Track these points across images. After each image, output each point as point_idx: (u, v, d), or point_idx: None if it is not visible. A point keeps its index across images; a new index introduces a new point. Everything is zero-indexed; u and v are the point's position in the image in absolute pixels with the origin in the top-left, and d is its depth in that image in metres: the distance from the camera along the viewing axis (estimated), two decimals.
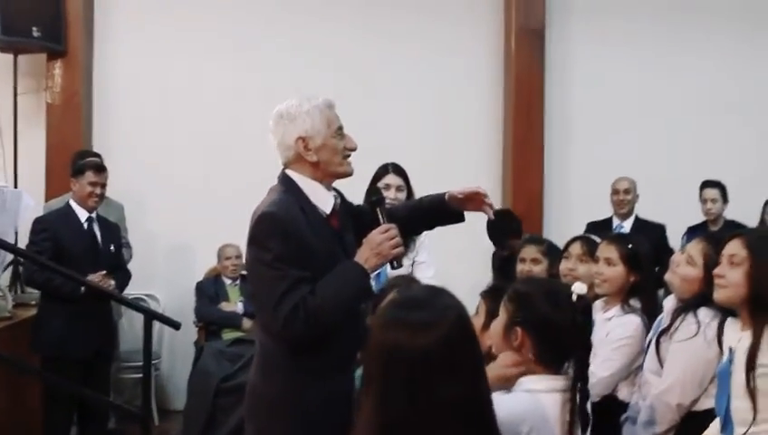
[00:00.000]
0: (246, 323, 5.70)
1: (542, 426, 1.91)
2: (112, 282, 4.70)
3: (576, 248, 3.45)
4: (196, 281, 5.97)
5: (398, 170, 4.09)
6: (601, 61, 6.68)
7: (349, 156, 2.60)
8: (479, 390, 1.53)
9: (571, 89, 6.65)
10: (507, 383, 2.04)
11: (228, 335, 5.65)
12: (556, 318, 2.03)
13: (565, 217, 6.41)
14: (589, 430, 2.14)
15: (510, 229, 4.76)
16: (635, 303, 3.15)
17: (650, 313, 3.06)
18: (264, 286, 2.46)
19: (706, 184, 5.95)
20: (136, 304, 4.93)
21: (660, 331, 2.84)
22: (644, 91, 6.69)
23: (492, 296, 2.43)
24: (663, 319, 2.92)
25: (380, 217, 2.64)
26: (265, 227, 2.45)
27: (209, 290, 5.86)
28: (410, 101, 6.38)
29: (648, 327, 3.04)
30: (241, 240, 5.79)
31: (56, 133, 5.89)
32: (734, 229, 5.69)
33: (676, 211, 5.90)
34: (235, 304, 5.81)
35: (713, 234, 4.91)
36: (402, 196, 4.01)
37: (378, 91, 6.27)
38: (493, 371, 1.97)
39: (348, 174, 2.61)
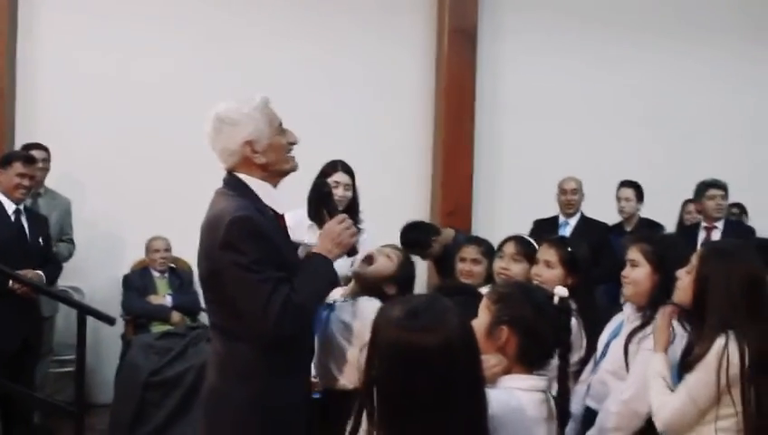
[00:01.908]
0: (175, 316, 5.76)
1: (518, 424, 1.96)
2: (40, 272, 4.73)
3: (510, 248, 3.50)
4: (122, 273, 5.96)
5: (347, 169, 4.18)
6: (532, 61, 6.90)
7: (291, 150, 2.63)
8: (481, 384, 1.68)
9: (502, 88, 6.87)
10: (489, 382, 2.08)
11: (157, 329, 5.69)
12: (541, 318, 2.10)
13: (495, 213, 6.64)
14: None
15: (425, 237, 5.07)
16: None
17: (586, 314, 3.10)
18: (246, 290, 2.44)
19: (622, 184, 6.20)
20: (69, 299, 4.92)
21: (629, 335, 2.84)
22: (572, 92, 6.95)
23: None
24: (625, 322, 2.94)
25: (331, 208, 2.77)
26: (240, 231, 2.43)
27: (137, 283, 5.88)
28: (343, 99, 6.48)
29: (586, 329, 3.10)
30: (169, 233, 5.90)
31: None
32: (649, 227, 6.07)
33: (595, 210, 6.06)
34: (163, 297, 5.84)
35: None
36: (349, 194, 4.12)
37: (312, 89, 6.33)
38: None
39: (294, 170, 2.63)
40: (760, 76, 7.36)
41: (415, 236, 5.05)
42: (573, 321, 3.00)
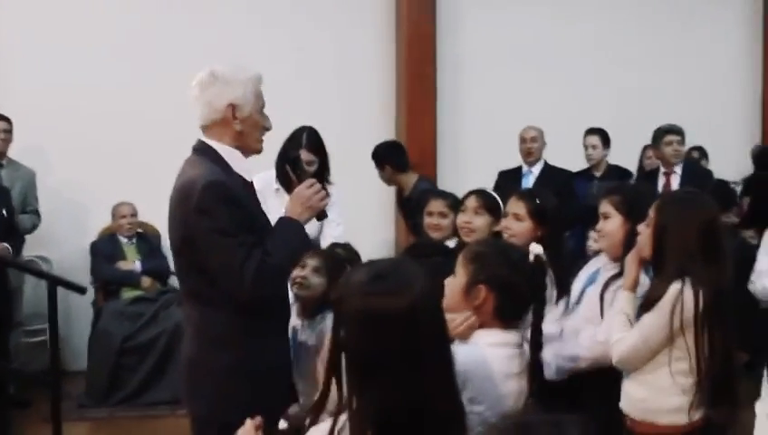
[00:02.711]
0: (145, 281, 5.82)
1: (484, 377, 2.02)
2: (7, 245, 4.76)
3: (472, 202, 3.50)
4: (89, 241, 5.98)
5: (312, 143, 4.19)
6: (490, 14, 6.93)
7: (264, 134, 2.68)
8: (446, 343, 1.68)
9: (463, 40, 6.91)
10: (461, 336, 2.14)
11: (127, 294, 5.75)
12: (517, 276, 2.15)
13: (460, 166, 6.73)
14: None
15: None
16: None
17: (556, 264, 3.05)
18: (221, 254, 2.47)
19: (588, 131, 6.28)
20: (38, 270, 4.97)
21: (605, 284, 2.85)
22: (531, 43, 7.00)
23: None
24: (601, 270, 2.95)
25: (299, 173, 2.82)
26: (213, 196, 2.46)
27: (105, 249, 5.90)
28: (306, 60, 6.50)
29: (556, 278, 3.07)
30: (135, 198, 5.91)
31: None
32: (618, 174, 6.19)
33: (561, 157, 6.15)
34: (132, 263, 5.87)
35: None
36: (313, 169, 4.08)
37: (276, 51, 6.34)
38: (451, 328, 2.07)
39: (258, 152, 2.69)
40: (714, 15, 7.45)
41: (384, 154, 5.39)
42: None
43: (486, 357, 2.07)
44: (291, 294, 3.06)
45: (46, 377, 4.41)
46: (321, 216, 2.74)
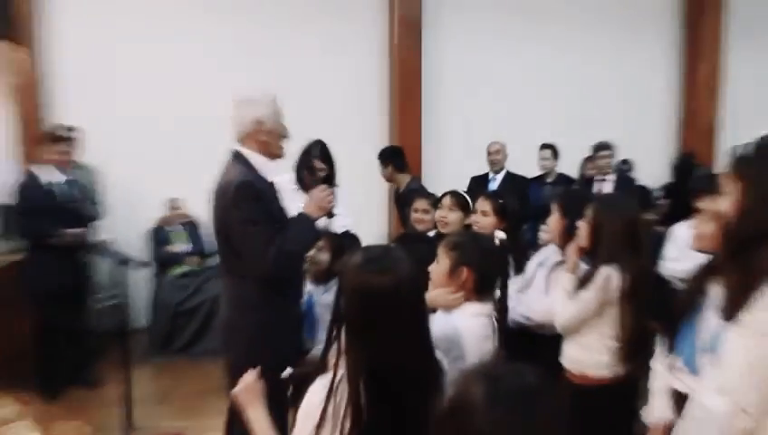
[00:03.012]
0: (192, 259, 5.83)
1: (467, 340, 2.05)
2: (83, 231, 4.76)
3: (447, 200, 3.54)
4: (146, 228, 5.99)
5: (323, 154, 4.16)
6: (463, 46, 6.92)
7: (283, 141, 2.73)
8: (424, 316, 1.68)
9: (444, 68, 6.90)
10: (450, 308, 2.16)
11: (178, 270, 5.78)
12: (489, 257, 2.18)
13: (441, 172, 6.74)
14: None
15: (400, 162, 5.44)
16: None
17: (515, 250, 3.10)
18: (248, 239, 2.50)
19: (542, 146, 6.27)
20: (110, 251, 4.90)
21: (552, 267, 2.91)
22: (500, 69, 7.01)
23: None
24: (550, 256, 2.98)
25: (314, 180, 2.92)
26: (244, 194, 2.50)
27: (161, 234, 5.94)
28: (316, 83, 6.46)
29: (514, 260, 3.09)
30: (184, 194, 5.90)
31: (19, 107, 5.69)
32: (565, 181, 6.21)
33: (521, 166, 6.16)
34: (182, 245, 5.89)
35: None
36: (322, 175, 4.06)
37: (290, 78, 6.31)
38: (437, 298, 2.15)
39: (281, 157, 2.74)
40: (636, 51, 7.48)
41: (389, 155, 5.43)
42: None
43: (468, 324, 2.10)
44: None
45: (117, 333, 4.42)
46: (330, 215, 2.80)
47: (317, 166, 4.05)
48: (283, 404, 2.69)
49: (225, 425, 2.86)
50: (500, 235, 2.37)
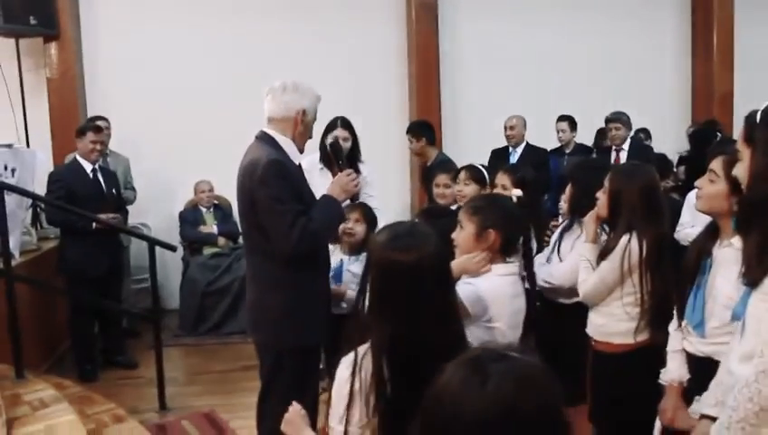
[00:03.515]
0: (221, 240, 5.88)
1: (498, 301, 2.07)
2: (119, 215, 4.85)
3: (462, 175, 3.54)
4: (177, 211, 6.05)
5: (346, 124, 4.18)
6: (480, 22, 6.85)
7: (310, 136, 2.75)
8: (449, 291, 1.67)
9: (461, 45, 6.87)
10: (477, 272, 2.15)
11: (207, 251, 5.83)
12: (512, 216, 2.18)
13: (461, 147, 6.64)
14: None
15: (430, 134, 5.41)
16: None
17: (535, 220, 3.04)
18: (274, 217, 2.48)
19: (559, 118, 6.23)
20: (141, 234, 5.00)
21: (563, 229, 2.93)
22: (516, 47, 6.92)
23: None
24: (575, 227, 2.91)
25: (340, 163, 2.91)
26: (272, 171, 2.48)
27: (190, 217, 5.98)
28: (337, 64, 6.46)
29: (534, 231, 3.02)
30: (212, 177, 6.00)
31: (56, 102, 5.83)
32: (583, 151, 6.15)
33: (541, 138, 6.14)
34: (211, 227, 5.93)
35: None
36: (348, 145, 4.08)
37: (312, 59, 6.27)
38: (465, 264, 2.14)
39: (301, 151, 2.72)
40: (654, 27, 7.33)
41: (422, 128, 5.39)
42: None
43: (498, 284, 2.11)
44: (330, 247, 3.10)
45: (150, 314, 4.49)
46: (354, 198, 2.84)
47: (340, 134, 4.04)
48: (313, 380, 2.72)
49: (257, 409, 2.83)
50: (516, 192, 2.38)
